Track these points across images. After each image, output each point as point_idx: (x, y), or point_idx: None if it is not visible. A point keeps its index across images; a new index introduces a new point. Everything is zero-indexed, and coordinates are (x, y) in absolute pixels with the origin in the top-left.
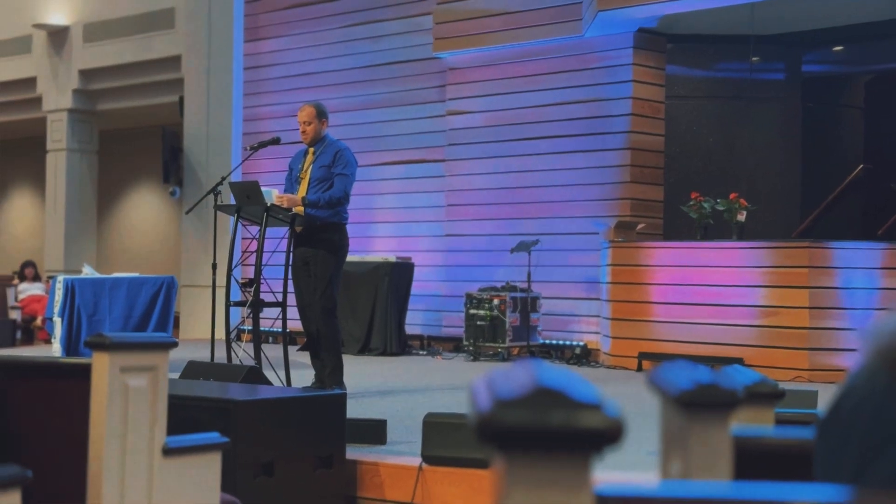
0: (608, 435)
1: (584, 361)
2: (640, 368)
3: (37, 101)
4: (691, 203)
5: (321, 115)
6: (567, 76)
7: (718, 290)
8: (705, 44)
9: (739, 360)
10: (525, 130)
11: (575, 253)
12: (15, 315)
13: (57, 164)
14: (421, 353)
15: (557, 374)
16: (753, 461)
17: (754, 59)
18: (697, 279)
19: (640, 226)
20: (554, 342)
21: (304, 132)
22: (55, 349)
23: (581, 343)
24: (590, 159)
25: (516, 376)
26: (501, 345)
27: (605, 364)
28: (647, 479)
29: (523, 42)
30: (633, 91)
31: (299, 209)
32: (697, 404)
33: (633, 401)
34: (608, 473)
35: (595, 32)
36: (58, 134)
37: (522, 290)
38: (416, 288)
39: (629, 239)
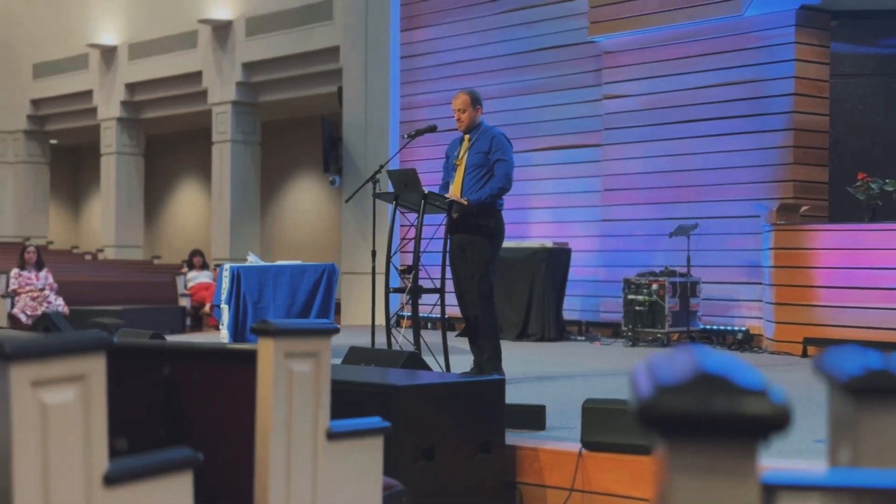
0: (774, 421)
1: (747, 347)
2: (805, 354)
3: (202, 95)
4: (858, 184)
5: (475, 102)
6: (726, 57)
7: (887, 274)
8: (871, 19)
9: None
10: (683, 113)
11: (735, 237)
12: (184, 302)
13: (222, 156)
14: (579, 338)
15: (720, 359)
16: None
17: None
18: (865, 262)
19: (803, 208)
20: (714, 327)
21: (458, 119)
22: (223, 335)
23: (743, 328)
24: (750, 141)
25: (677, 362)
26: (661, 330)
27: (769, 350)
28: (814, 467)
29: (680, 23)
30: (796, 70)
31: (455, 192)
32: (868, 390)
33: (798, 387)
34: (774, 461)
35: (755, 11)
36: (222, 126)
37: (681, 275)
38: (573, 273)
39: (792, 222)
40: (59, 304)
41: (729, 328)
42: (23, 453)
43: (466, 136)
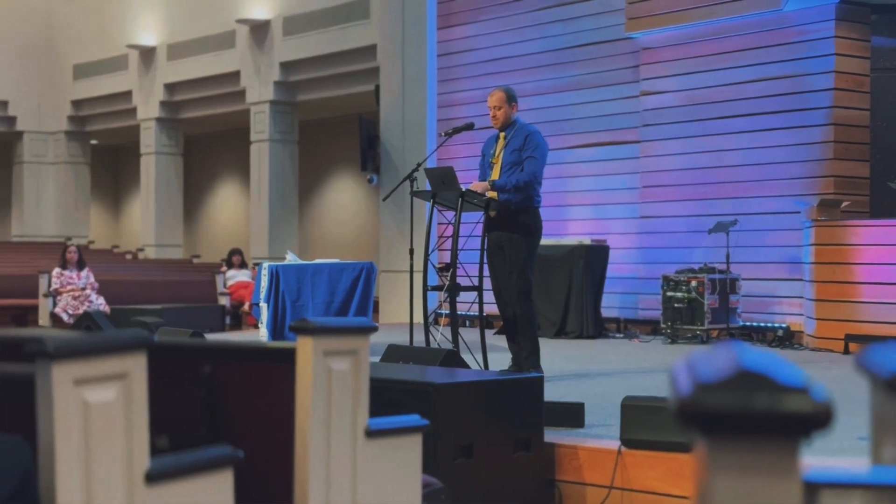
0: (816, 419)
1: (787, 344)
2: (846, 351)
3: (240, 94)
4: None
5: (511, 99)
6: (765, 52)
7: None
8: None
9: None
10: (722, 109)
11: (775, 233)
12: (224, 301)
13: (260, 155)
14: (617, 335)
15: (760, 356)
16: None
17: None
18: None
19: (844, 204)
20: (754, 324)
21: (494, 117)
22: (262, 334)
23: (783, 325)
24: (790, 136)
25: (717, 359)
26: (700, 327)
27: (810, 346)
28: (857, 465)
29: (719, 18)
30: (836, 65)
31: (492, 194)
32: None
33: (840, 384)
34: (816, 459)
35: (794, 6)
36: (260, 125)
37: (721, 272)
38: (611, 270)
39: (833, 217)
40: (100, 303)
41: (769, 325)
42: (66, 451)
43: (502, 134)
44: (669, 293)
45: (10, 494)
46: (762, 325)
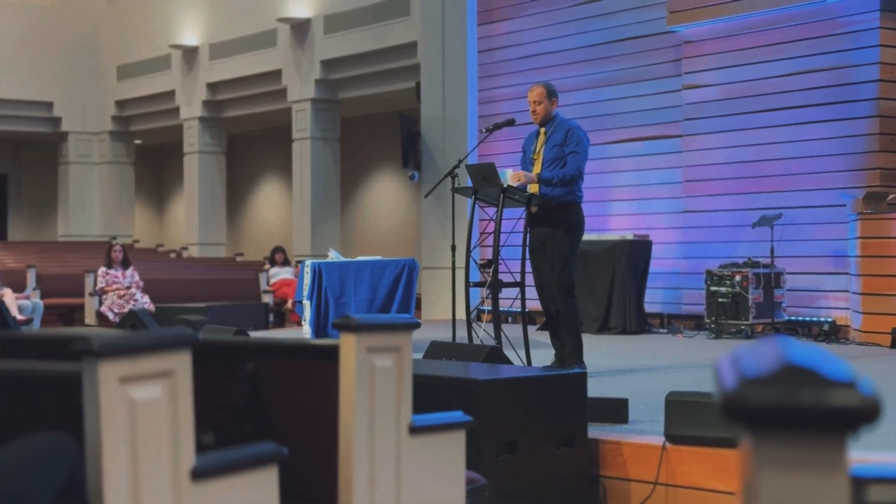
0: (863, 414)
1: (833, 338)
2: (893, 345)
3: (282, 93)
4: None
5: (551, 94)
6: (809, 44)
7: None
8: None
9: None
10: (765, 102)
11: (820, 226)
12: (267, 299)
13: (302, 153)
14: (661, 331)
15: (806, 350)
16: None
17: None
18: None
19: (890, 196)
20: (800, 318)
21: (534, 112)
22: (305, 331)
23: (829, 319)
24: (835, 129)
25: (763, 353)
26: (744, 322)
27: (856, 340)
28: None
29: (762, 11)
30: (881, 56)
31: (534, 187)
32: None
33: (887, 378)
34: (863, 454)
35: None
36: (302, 123)
37: (765, 266)
38: (654, 265)
39: (879, 210)
40: (145, 301)
41: (815, 319)
42: (112, 448)
43: (542, 130)
44: (713, 288)
45: (59, 491)
46: (808, 319)
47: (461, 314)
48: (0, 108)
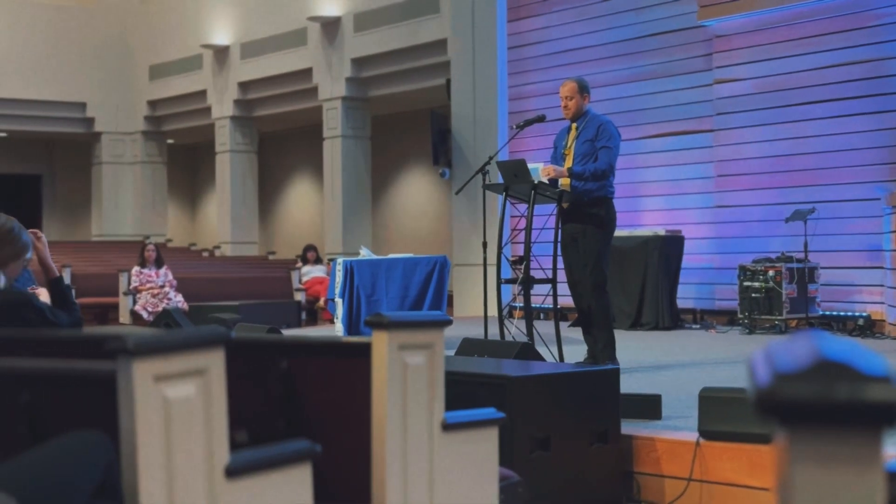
0: None
1: (868, 333)
2: None
3: (313, 91)
4: None
5: (582, 90)
6: (842, 36)
7: None
8: None
9: None
10: (798, 95)
11: (855, 220)
12: (299, 297)
13: (333, 151)
14: (694, 326)
15: (841, 345)
16: None
17: None
18: None
19: None
20: (834, 313)
21: (565, 107)
22: (337, 329)
23: (864, 314)
24: (870, 122)
25: (797, 348)
26: (778, 317)
27: (891, 335)
28: None
29: (794, 4)
30: None
31: (565, 182)
32: None
33: None
34: None
35: None
36: (333, 122)
37: (799, 261)
38: (686, 261)
39: None
40: (178, 300)
41: (849, 314)
42: (147, 446)
43: (574, 125)
44: (746, 283)
45: (95, 489)
46: (842, 314)
47: (493, 311)
48: (34, 109)
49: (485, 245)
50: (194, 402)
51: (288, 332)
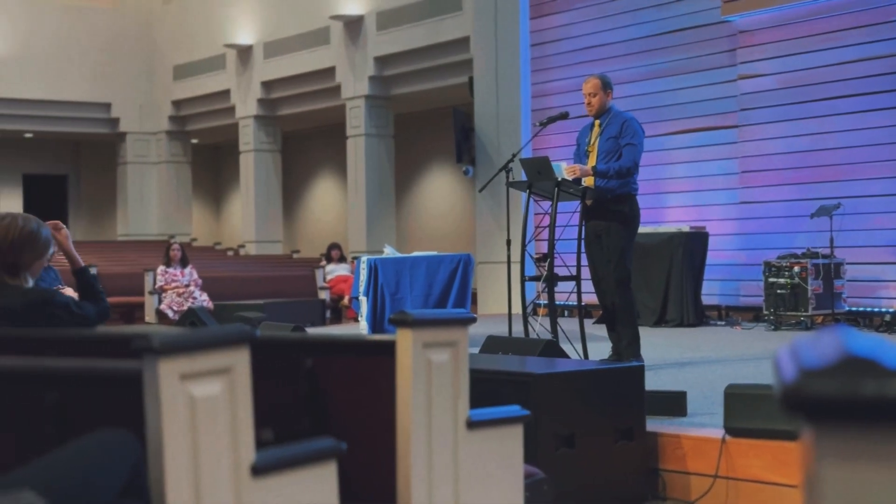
0: None
1: (895, 329)
2: None
3: (336, 90)
4: None
5: (606, 86)
6: (868, 31)
7: None
8: None
9: None
10: (823, 90)
11: (881, 216)
12: (324, 295)
13: (356, 150)
14: (719, 323)
15: (867, 341)
16: None
17: None
18: None
19: None
20: (860, 309)
21: (589, 104)
22: (362, 327)
23: (891, 310)
24: (894, 117)
25: (823, 344)
26: (804, 313)
27: None
28: None
29: None
30: None
31: (589, 180)
32: None
33: None
34: None
35: None
36: (356, 120)
37: (825, 257)
38: (711, 257)
39: None
40: (203, 299)
41: (876, 310)
42: (174, 444)
43: (597, 122)
44: (771, 279)
45: (122, 487)
46: (868, 310)
47: (517, 308)
48: (59, 109)
49: (508, 242)
50: (220, 401)
51: (312, 331)
